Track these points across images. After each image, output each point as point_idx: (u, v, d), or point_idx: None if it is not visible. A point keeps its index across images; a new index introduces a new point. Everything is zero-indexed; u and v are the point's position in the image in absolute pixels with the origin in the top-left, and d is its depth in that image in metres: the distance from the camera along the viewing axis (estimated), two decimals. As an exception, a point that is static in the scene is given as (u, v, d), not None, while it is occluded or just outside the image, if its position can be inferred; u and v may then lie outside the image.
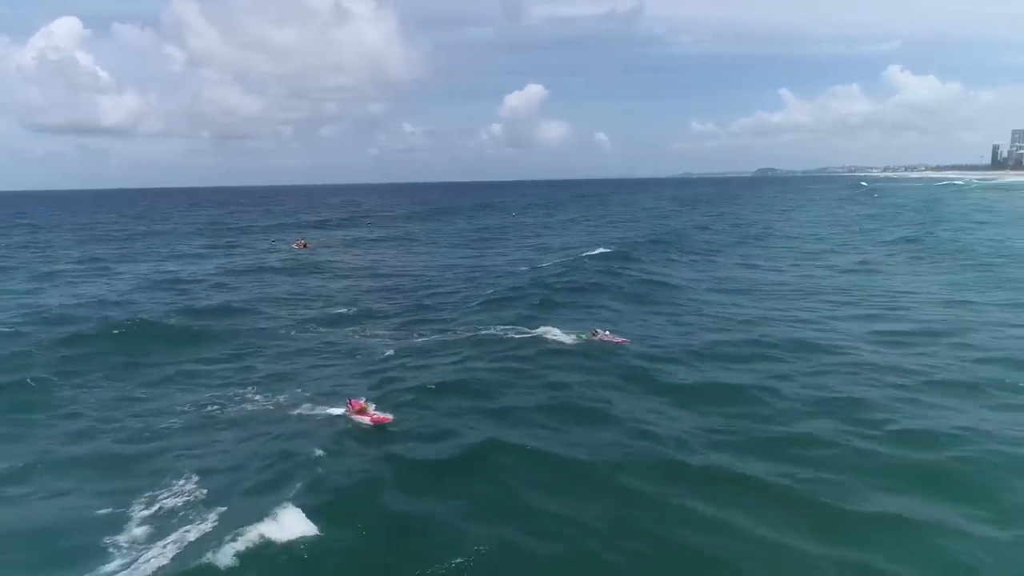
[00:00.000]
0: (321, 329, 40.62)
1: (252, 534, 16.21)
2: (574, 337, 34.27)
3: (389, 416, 24.17)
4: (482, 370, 30.26)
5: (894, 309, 41.67)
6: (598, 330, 34.45)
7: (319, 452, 21.17)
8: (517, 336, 35.72)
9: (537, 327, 36.56)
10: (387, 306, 47.33)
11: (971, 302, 43.10)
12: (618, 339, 33.65)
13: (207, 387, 30.15)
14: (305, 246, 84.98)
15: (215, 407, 27.41)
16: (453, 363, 31.65)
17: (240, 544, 15.85)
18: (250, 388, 29.39)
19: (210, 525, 17.38)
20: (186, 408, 27.26)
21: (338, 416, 24.72)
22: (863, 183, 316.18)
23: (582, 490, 19.05)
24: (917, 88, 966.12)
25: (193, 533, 17.08)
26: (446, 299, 48.89)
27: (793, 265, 63.63)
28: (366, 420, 23.88)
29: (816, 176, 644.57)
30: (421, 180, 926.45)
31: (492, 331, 37.00)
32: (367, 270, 66.33)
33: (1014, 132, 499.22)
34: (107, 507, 18.95)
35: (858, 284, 51.74)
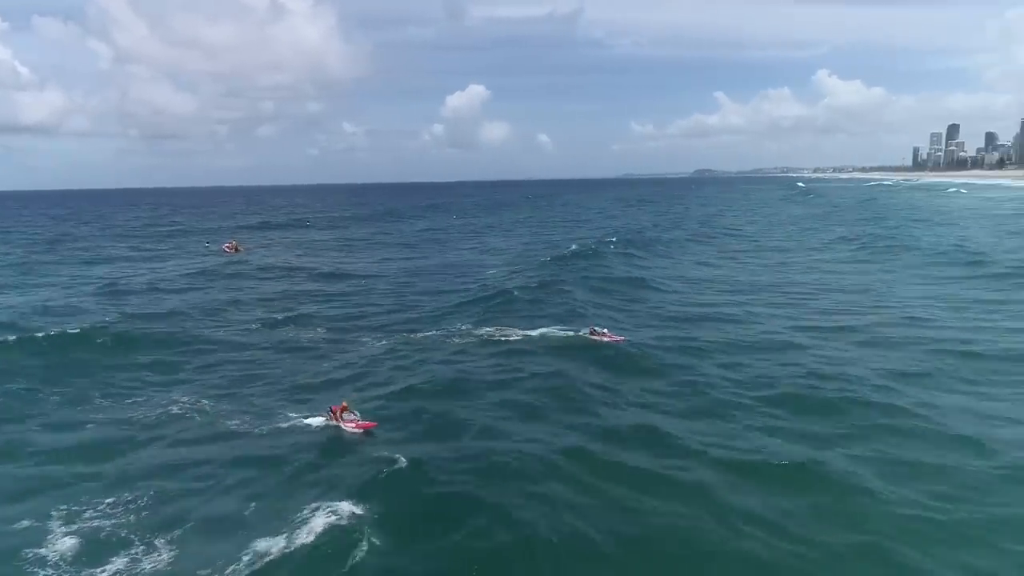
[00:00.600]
0: (278, 334, 38.47)
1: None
2: (571, 335, 34.99)
3: (374, 422, 23.72)
4: (483, 369, 30.20)
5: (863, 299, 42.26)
6: (595, 328, 34.67)
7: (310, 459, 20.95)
8: (504, 338, 35.31)
9: (536, 327, 36.62)
10: (348, 311, 45.07)
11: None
12: (616, 337, 33.87)
13: (153, 398, 27.63)
14: (236, 249, 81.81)
15: (157, 418, 25.12)
16: (443, 363, 31.16)
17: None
18: (211, 398, 27.34)
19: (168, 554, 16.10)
20: (148, 420, 24.97)
21: (321, 425, 24.05)
22: (800, 183, 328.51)
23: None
24: (844, 92, 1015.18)
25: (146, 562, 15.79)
26: (426, 303, 47.00)
27: (751, 263, 64.43)
28: (351, 427, 23.42)
29: (751, 176, 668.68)
30: (363, 181, 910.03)
31: (484, 331, 36.62)
32: (307, 272, 63.45)
33: (932, 135, 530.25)
34: (36, 524, 17.57)
35: (816, 280, 52.88)
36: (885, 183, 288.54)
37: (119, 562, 15.76)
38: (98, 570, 15.51)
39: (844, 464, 19.85)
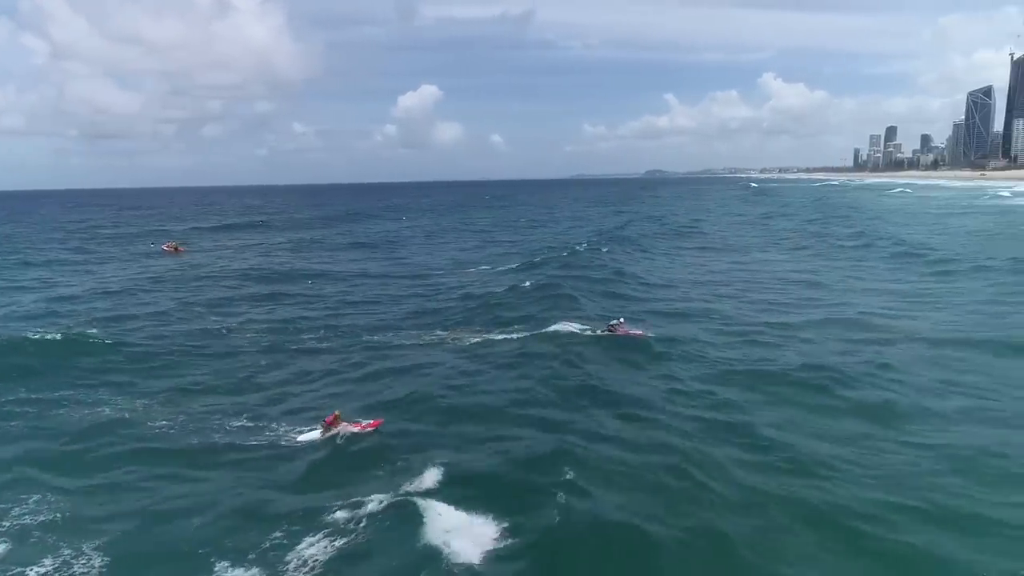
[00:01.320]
0: (233, 339, 35.87)
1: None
2: (590, 331, 34.46)
3: (380, 419, 22.87)
4: (500, 366, 29.66)
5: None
6: (614, 322, 34.48)
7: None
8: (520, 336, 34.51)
9: (551, 324, 35.73)
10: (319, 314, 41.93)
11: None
12: (635, 331, 33.87)
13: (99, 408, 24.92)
14: (176, 249, 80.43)
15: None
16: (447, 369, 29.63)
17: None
18: (164, 405, 25.00)
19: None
20: (86, 429, 22.57)
21: (315, 437, 22.10)
22: (753, 184, 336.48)
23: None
24: (789, 95, 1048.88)
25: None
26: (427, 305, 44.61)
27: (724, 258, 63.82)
28: (355, 429, 22.22)
29: (700, 177, 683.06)
30: (314, 181, 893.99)
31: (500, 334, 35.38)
32: (259, 273, 59.65)
33: (871, 137, 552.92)
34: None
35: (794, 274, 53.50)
36: (832, 183, 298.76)
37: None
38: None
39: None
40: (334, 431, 21.86)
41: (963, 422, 22.29)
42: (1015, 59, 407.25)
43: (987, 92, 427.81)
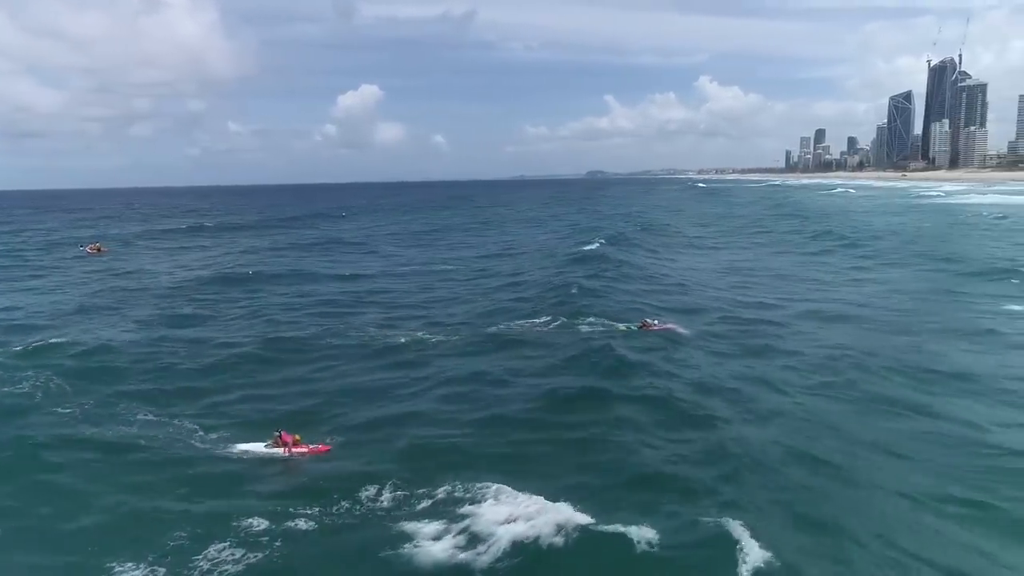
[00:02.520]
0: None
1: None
2: (624, 327, 34.66)
3: (327, 446, 21.82)
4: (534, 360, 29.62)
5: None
6: (647, 320, 35.03)
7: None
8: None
9: (580, 321, 35.97)
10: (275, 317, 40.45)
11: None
12: (668, 325, 34.57)
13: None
14: (99, 250, 77.95)
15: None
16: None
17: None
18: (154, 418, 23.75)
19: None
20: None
21: (266, 453, 21.31)
22: (700, 184, 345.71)
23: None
24: (724, 98, 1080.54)
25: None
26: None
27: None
28: (303, 450, 21.38)
29: (641, 178, 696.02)
30: (250, 182, 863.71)
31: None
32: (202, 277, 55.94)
33: (802, 139, 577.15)
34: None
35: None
36: (774, 183, 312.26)
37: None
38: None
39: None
40: (281, 449, 21.19)
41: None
42: (932, 66, 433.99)
43: (907, 97, 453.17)
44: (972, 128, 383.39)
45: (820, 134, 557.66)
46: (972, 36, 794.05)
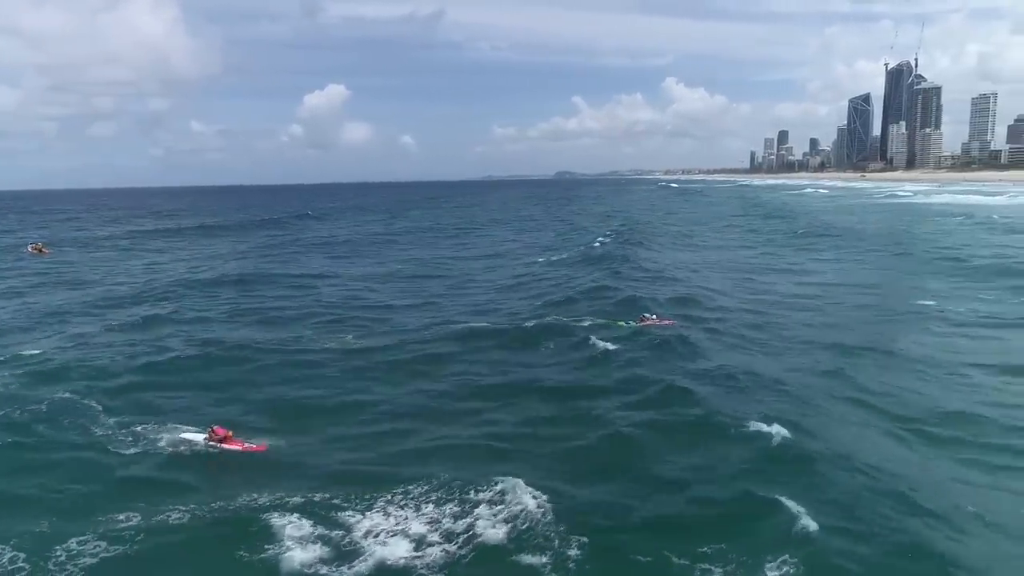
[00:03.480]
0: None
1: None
2: (622, 324, 35.11)
3: (264, 444, 21.39)
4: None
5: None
6: (645, 315, 35.36)
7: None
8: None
9: (584, 320, 36.25)
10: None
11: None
12: (666, 320, 34.98)
13: None
14: (41, 251, 77.48)
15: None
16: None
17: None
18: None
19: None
20: None
21: (199, 445, 21.31)
22: (673, 184, 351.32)
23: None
24: (691, 99, 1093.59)
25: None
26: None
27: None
28: (236, 447, 21.06)
29: (609, 179, 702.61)
30: (215, 183, 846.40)
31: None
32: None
33: (766, 140, 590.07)
34: None
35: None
36: (744, 183, 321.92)
37: None
38: None
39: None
40: (217, 444, 21.10)
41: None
42: (889, 69, 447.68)
43: (866, 99, 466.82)
44: (927, 130, 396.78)
45: (783, 135, 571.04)
46: (930, 40, 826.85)
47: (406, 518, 16.48)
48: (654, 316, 35.12)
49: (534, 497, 16.84)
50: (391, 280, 55.00)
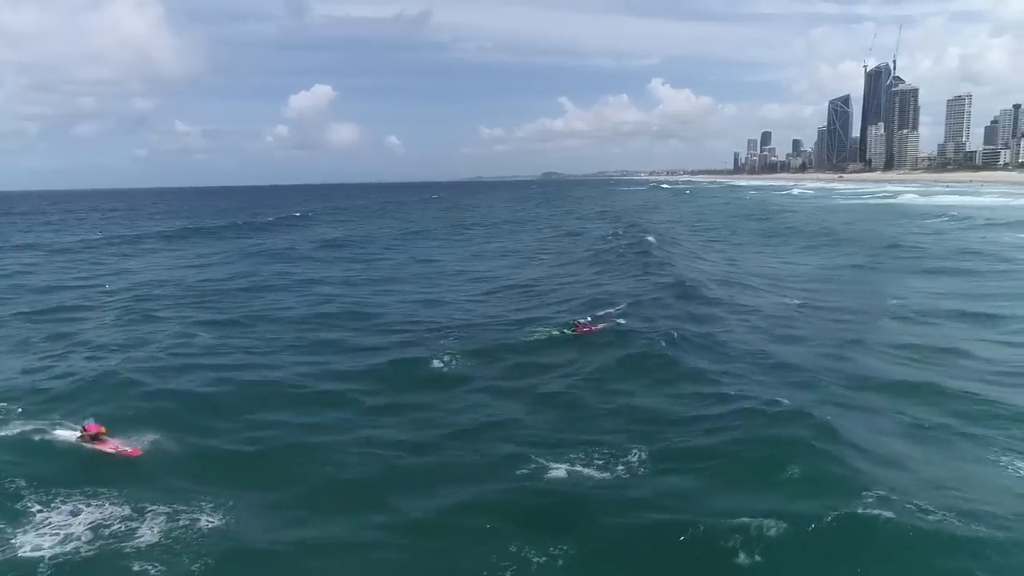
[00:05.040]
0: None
1: None
2: (558, 333, 32.60)
3: (137, 449, 19.98)
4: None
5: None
6: (579, 321, 33.10)
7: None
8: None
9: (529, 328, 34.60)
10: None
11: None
12: (600, 325, 33.26)
13: None
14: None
15: None
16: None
17: None
18: None
19: None
20: None
21: (68, 442, 20.30)
22: (664, 185, 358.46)
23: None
24: (677, 100, 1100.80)
25: None
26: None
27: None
28: (108, 449, 19.83)
29: (597, 179, 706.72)
30: (200, 184, 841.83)
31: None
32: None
33: (749, 141, 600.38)
34: None
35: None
36: (737, 184, 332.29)
37: None
38: None
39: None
40: (91, 443, 20.06)
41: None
42: (868, 70, 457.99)
43: (845, 101, 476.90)
44: (905, 131, 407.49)
45: (767, 136, 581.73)
46: (912, 42, 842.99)
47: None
48: (588, 319, 33.43)
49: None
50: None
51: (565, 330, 32.39)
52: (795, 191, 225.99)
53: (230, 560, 14.92)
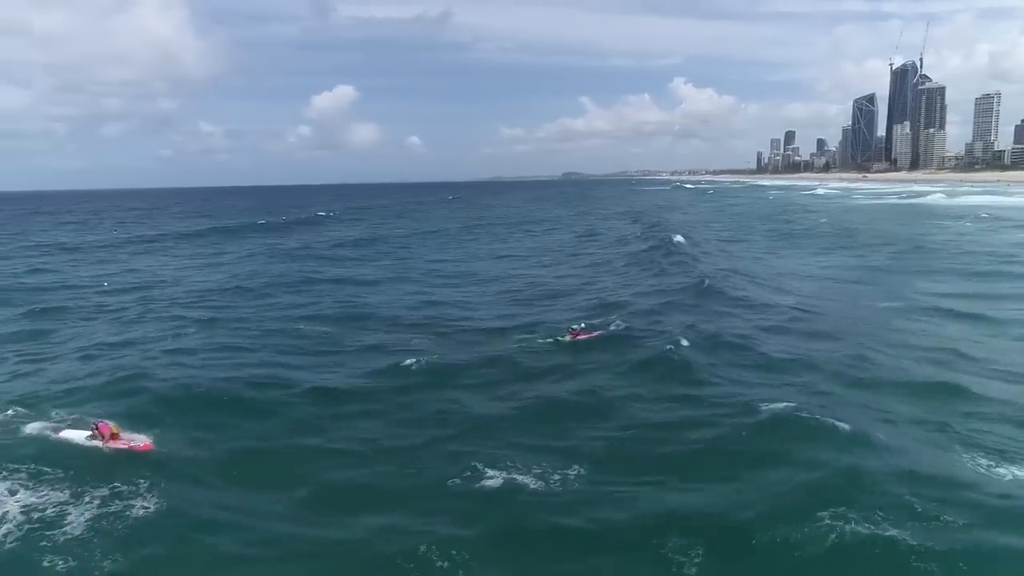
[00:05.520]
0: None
1: None
2: (551, 340, 31.70)
3: (149, 442, 20.12)
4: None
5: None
6: (574, 327, 32.16)
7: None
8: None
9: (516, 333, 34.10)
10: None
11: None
12: (596, 333, 32.33)
13: None
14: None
15: None
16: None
17: None
18: None
19: None
20: None
21: (82, 444, 19.99)
22: (687, 185, 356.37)
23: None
24: (699, 100, 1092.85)
25: None
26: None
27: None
28: (122, 446, 19.83)
29: (618, 179, 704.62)
30: (223, 184, 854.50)
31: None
32: None
33: (772, 140, 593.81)
34: None
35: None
36: (759, 183, 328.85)
37: None
38: None
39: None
40: (103, 442, 19.82)
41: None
42: (894, 69, 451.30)
43: (870, 99, 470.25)
44: (931, 130, 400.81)
45: (790, 136, 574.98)
46: (940, 40, 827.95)
47: None
48: (583, 325, 32.53)
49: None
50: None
51: (559, 337, 31.62)
52: (819, 191, 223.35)
53: (234, 557, 15.08)
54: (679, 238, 72.97)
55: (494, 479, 17.97)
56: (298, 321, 38.11)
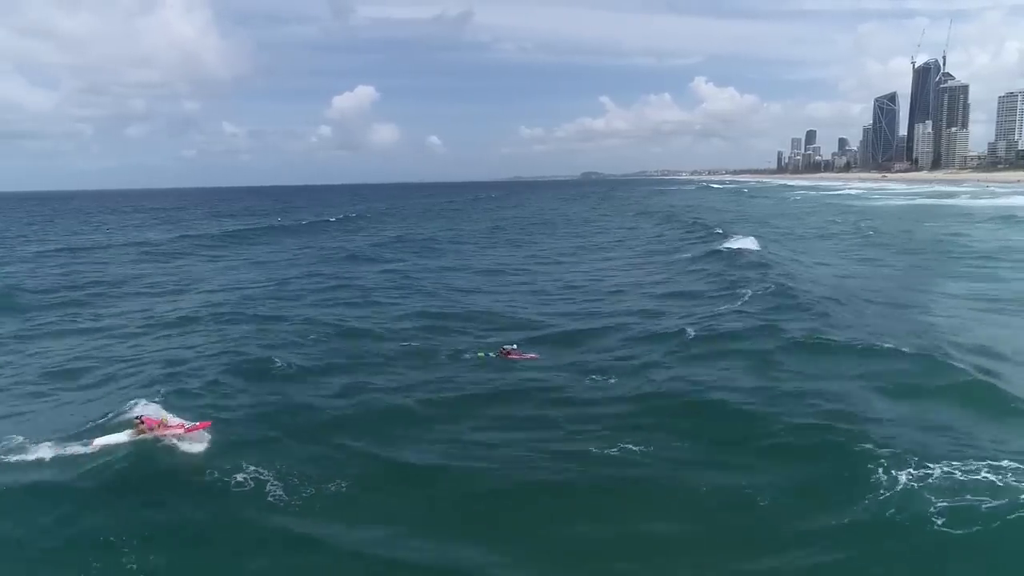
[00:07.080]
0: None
1: None
2: (481, 355, 31.44)
3: (208, 421, 20.29)
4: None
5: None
6: (506, 347, 31.79)
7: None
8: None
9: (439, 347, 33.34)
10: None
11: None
12: (530, 355, 31.48)
13: None
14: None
15: None
16: None
17: None
18: None
19: None
20: None
21: (130, 441, 19.47)
22: (714, 185, 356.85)
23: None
24: (720, 99, 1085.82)
25: None
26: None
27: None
28: (175, 432, 19.60)
29: (639, 179, 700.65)
30: (246, 184, 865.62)
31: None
32: None
33: (793, 140, 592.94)
34: None
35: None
36: (789, 184, 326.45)
37: None
38: None
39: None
40: (148, 434, 19.41)
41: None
42: (916, 67, 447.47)
43: (892, 98, 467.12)
44: (953, 129, 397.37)
45: (811, 135, 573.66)
46: (967, 37, 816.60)
47: None
48: (515, 345, 31.97)
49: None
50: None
51: (490, 353, 31.53)
52: (848, 190, 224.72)
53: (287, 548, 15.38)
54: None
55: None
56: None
